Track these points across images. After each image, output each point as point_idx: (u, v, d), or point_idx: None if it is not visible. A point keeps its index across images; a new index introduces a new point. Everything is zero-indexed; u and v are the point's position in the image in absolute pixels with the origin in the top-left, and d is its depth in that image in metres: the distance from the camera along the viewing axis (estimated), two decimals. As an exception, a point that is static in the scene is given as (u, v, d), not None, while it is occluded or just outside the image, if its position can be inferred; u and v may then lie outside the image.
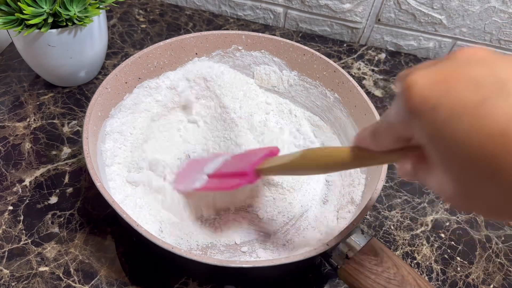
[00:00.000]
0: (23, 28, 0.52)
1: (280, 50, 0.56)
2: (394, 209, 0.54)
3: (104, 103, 0.48)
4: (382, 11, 0.72)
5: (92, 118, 0.45)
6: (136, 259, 0.47)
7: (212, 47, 0.57)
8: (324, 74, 0.54)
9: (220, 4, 0.79)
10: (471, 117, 0.19)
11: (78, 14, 0.53)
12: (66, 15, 0.52)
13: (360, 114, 0.50)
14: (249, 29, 0.78)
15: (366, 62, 0.74)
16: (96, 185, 0.39)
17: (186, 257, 0.35)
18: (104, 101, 0.48)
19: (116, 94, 0.50)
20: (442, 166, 0.22)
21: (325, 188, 0.53)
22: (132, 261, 0.47)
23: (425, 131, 0.21)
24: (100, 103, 0.47)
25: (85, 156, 0.41)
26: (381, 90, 0.69)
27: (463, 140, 0.20)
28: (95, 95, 0.46)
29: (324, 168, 0.38)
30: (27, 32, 0.51)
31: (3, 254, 0.46)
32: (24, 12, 0.50)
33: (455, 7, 0.68)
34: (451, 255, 0.51)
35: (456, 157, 0.20)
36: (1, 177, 0.52)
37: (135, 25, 0.76)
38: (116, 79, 0.49)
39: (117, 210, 0.37)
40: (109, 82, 0.48)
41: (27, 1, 0.50)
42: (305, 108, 0.59)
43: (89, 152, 0.41)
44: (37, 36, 0.53)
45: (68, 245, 0.47)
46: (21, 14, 0.50)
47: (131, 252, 0.47)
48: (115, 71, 0.49)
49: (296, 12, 0.76)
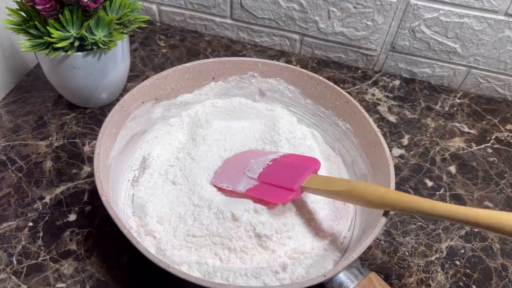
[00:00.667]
0: (50, 51, 0.54)
1: (295, 79, 0.58)
2: (409, 235, 0.54)
3: (120, 120, 0.49)
4: (396, 39, 0.73)
5: (106, 135, 0.46)
6: (153, 278, 0.47)
7: (229, 72, 0.58)
8: (337, 104, 0.55)
9: (238, 31, 0.81)
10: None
11: (103, 38, 0.55)
12: (91, 39, 0.54)
13: (370, 146, 0.51)
14: (266, 54, 0.80)
15: (380, 88, 0.75)
16: (102, 199, 0.40)
17: (182, 277, 0.35)
18: (120, 118, 0.49)
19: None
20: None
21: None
22: (149, 281, 0.47)
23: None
24: (115, 120, 0.48)
25: (94, 171, 0.42)
26: (396, 116, 0.70)
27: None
28: (111, 113, 0.48)
29: (367, 204, 0.41)
30: (54, 54, 0.54)
31: (22, 269, 0.47)
32: (52, 36, 0.52)
33: (469, 36, 0.69)
34: (467, 283, 0.50)
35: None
36: (23, 193, 0.54)
37: (156, 50, 0.78)
38: (133, 98, 0.51)
39: (119, 226, 0.38)
40: (126, 101, 0.50)
41: (55, 25, 0.53)
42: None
43: (98, 167, 0.42)
44: (63, 59, 0.55)
45: (85, 262, 0.48)
46: (49, 37, 0.53)
47: (148, 271, 0.48)
48: (133, 91, 0.51)
49: (311, 39, 0.78)
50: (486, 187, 0.61)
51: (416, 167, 0.62)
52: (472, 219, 0.35)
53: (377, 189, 0.40)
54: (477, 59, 0.71)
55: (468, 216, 0.35)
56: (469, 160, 0.64)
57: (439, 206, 0.36)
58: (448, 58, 0.73)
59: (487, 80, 0.74)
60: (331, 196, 0.44)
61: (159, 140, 0.57)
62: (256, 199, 0.48)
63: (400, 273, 0.50)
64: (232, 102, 0.61)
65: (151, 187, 0.52)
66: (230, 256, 0.45)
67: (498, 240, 0.55)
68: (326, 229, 0.49)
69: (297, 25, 0.77)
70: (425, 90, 0.76)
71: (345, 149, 0.56)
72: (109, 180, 0.46)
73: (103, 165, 0.44)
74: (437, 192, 0.59)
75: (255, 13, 0.77)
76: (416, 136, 0.67)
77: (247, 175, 0.51)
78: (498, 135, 0.69)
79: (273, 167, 0.50)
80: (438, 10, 0.67)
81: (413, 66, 0.76)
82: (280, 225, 0.47)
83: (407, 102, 0.73)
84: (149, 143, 0.56)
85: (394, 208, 0.39)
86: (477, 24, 0.67)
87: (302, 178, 0.46)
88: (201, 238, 0.45)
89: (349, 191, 0.41)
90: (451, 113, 0.72)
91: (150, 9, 0.84)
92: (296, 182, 0.46)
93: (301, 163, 0.49)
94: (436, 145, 0.66)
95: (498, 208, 0.58)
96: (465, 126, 0.70)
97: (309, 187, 0.45)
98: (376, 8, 0.70)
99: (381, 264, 0.51)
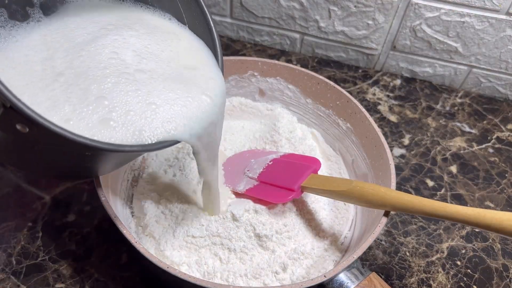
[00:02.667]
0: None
1: (295, 78, 0.57)
2: (410, 235, 0.54)
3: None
4: (397, 38, 0.73)
5: None
6: (151, 278, 0.47)
7: (229, 71, 0.58)
8: (337, 103, 0.55)
9: (238, 30, 0.81)
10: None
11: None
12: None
13: (371, 146, 0.50)
14: (266, 54, 0.80)
15: (381, 87, 0.75)
16: (101, 199, 0.40)
17: (182, 278, 0.35)
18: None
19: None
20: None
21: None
22: (147, 280, 0.47)
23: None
24: None
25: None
26: (396, 115, 0.70)
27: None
28: None
29: (367, 204, 0.41)
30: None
31: (21, 269, 0.47)
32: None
33: (471, 35, 0.68)
34: (468, 283, 0.50)
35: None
36: (22, 194, 0.54)
37: (155, 49, 0.78)
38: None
39: (118, 226, 0.38)
40: None
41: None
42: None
43: None
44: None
45: (84, 262, 0.48)
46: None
47: (146, 271, 0.48)
48: None
49: (312, 38, 0.78)
50: (487, 187, 0.61)
51: (417, 167, 0.62)
52: (472, 219, 0.34)
53: (378, 189, 0.40)
54: (478, 58, 0.71)
55: (468, 216, 0.35)
56: (470, 160, 0.64)
57: (439, 206, 0.36)
58: (449, 57, 0.73)
59: (488, 79, 0.74)
60: (331, 196, 0.44)
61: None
62: (256, 199, 0.48)
63: (400, 273, 0.50)
64: (232, 101, 0.61)
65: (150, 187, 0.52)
66: (230, 256, 0.45)
67: (499, 240, 0.54)
68: (327, 230, 0.49)
69: (298, 24, 0.76)
70: (426, 89, 0.76)
71: (346, 148, 0.56)
72: (108, 180, 0.45)
73: None
74: (438, 192, 0.59)
75: (255, 12, 0.77)
76: (417, 136, 0.67)
77: (247, 175, 0.51)
78: (499, 135, 0.69)
79: (273, 167, 0.50)
80: (439, 9, 0.67)
81: (414, 65, 0.76)
82: (280, 226, 0.46)
83: (408, 101, 0.73)
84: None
85: (394, 208, 0.39)
86: (478, 23, 0.67)
87: (302, 178, 0.46)
88: (200, 239, 0.45)
89: (350, 191, 0.41)
90: (452, 113, 0.72)
91: (150, 8, 0.84)
92: (296, 182, 0.46)
93: (301, 163, 0.49)
94: (437, 145, 0.66)
95: (499, 208, 0.58)
96: (466, 125, 0.70)
97: (309, 187, 0.45)
98: (377, 7, 0.69)
99: (382, 264, 0.51)
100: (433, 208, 0.37)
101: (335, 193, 0.42)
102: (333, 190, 0.42)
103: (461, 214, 0.35)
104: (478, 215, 0.34)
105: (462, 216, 0.35)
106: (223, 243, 0.45)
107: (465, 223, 0.35)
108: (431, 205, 0.37)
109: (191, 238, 0.46)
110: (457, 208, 0.35)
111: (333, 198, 0.45)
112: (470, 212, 0.35)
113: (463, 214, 0.35)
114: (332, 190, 0.42)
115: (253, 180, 0.50)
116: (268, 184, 0.48)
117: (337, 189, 0.42)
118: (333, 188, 0.42)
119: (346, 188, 0.41)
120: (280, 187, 0.47)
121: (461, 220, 0.35)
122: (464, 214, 0.35)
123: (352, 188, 0.41)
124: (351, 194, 0.41)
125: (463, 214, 0.35)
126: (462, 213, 0.35)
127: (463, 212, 0.35)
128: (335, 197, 0.44)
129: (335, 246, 0.48)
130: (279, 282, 0.44)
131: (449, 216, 0.36)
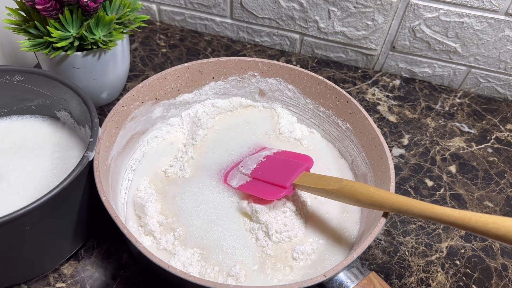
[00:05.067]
0: (50, 50, 0.54)
1: (295, 78, 0.58)
2: (409, 235, 0.54)
3: (119, 120, 0.49)
4: (397, 39, 0.73)
5: (105, 134, 0.46)
6: (152, 277, 0.47)
7: (229, 72, 0.58)
8: (337, 104, 0.55)
9: (238, 31, 0.81)
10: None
11: (103, 38, 0.55)
12: (91, 38, 0.54)
13: (370, 146, 0.50)
14: (266, 54, 0.80)
15: (380, 88, 0.75)
16: (102, 199, 0.40)
17: (182, 277, 0.35)
18: (119, 118, 0.49)
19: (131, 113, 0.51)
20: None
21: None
22: (148, 280, 0.47)
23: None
24: (115, 120, 0.48)
25: (94, 171, 0.42)
26: (396, 115, 0.70)
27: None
28: (111, 112, 0.48)
29: (357, 203, 0.41)
30: (54, 54, 0.53)
31: (22, 269, 0.47)
32: (52, 36, 0.52)
33: (470, 36, 0.69)
34: (467, 283, 0.50)
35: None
36: (23, 193, 0.54)
37: (156, 49, 0.78)
38: (132, 98, 0.51)
39: (119, 225, 0.38)
40: (126, 100, 0.50)
41: (55, 25, 0.53)
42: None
43: (98, 167, 0.42)
44: (63, 58, 0.55)
45: (85, 262, 0.48)
46: (49, 37, 0.53)
47: (147, 271, 0.48)
48: (132, 91, 0.51)
49: (312, 39, 0.78)
50: (486, 186, 0.61)
51: (416, 167, 0.62)
52: (458, 221, 0.34)
53: (367, 188, 0.40)
54: (477, 58, 0.71)
55: (455, 218, 0.34)
56: (469, 160, 0.64)
57: (426, 208, 0.36)
58: (448, 57, 0.73)
59: (487, 79, 0.74)
60: (322, 194, 0.44)
61: (159, 139, 0.57)
62: (254, 198, 0.48)
63: (400, 273, 0.50)
64: (232, 101, 0.61)
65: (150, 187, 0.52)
66: (230, 256, 0.45)
67: (498, 240, 0.54)
68: (327, 229, 0.49)
69: (297, 25, 0.77)
70: (425, 89, 0.76)
71: (345, 148, 0.56)
72: (108, 180, 0.46)
73: (102, 165, 0.44)
74: (437, 192, 0.59)
75: (255, 13, 0.77)
76: (416, 136, 0.67)
77: (240, 171, 0.51)
78: (498, 135, 0.69)
79: (266, 163, 0.50)
80: (438, 9, 0.67)
81: (413, 65, 0.76)
82: (280, 225, 0.46)
83: (407, 101, 0.73)
84: (149, 143, 0.56)
85: (382, 208, 0.39)
86: (477, 24, 0.67)
87: (294, 176, 0.46)
88: (200, 239, 0.45)
89: (340, 190, 0.41)
90: (451, 113, 0.72)
91: (150, 8, 0.84)
92: (288, 180, 0.46)
93: (294, 160, 0.49)
94: (436, 145, 0.66)
95: (498, 207, 0.58)
96: (465, 125, 0.70)
97: (301, 184, 0.45)
98: (376, 7, 0.70)
99: (381, 263, 0.51)
100: (420, 209, 0.36)
101: (326, 191, 0.43)
102: (324, 189, 0.43)
103: (447, 216, 0.35)
104: (464, 217, 0.34)
105: (448, 218, 0.35)
106: (223, 243, 0.45)
107: (452, 225, 0.35)
108: (418, 206, 0.37)
109: (191, 237, 0.46)
110: (444, 210, 0.35)
111: (324, 196, 0.45)
112: (457, 214, 0.34)
113: (449, 216, 0.35)
114: (323, 189, 0.43)
115: (246, 176, 0.50)
116: (260, 180, 0.49)
117: (328, 188, 0.42)
118: (324, 187, 0.43)
119: (337, 187, 0.41)
120: (273, 184, 0.47)
121: (448, 222, 0.35)
122: (451, 216, 0.35)
123: (343, 187, 0.41)
124: (341, 193, 0.41)
125: (449, 216, 0.35)
126: (449, 215, 0.35)
127: (449, 214, 0.35)
128: (326, 195, 0.44)
129: (335, 246, 0.48)
130: (279, 281, 0.44)
131: (436, 218, 0.36)
